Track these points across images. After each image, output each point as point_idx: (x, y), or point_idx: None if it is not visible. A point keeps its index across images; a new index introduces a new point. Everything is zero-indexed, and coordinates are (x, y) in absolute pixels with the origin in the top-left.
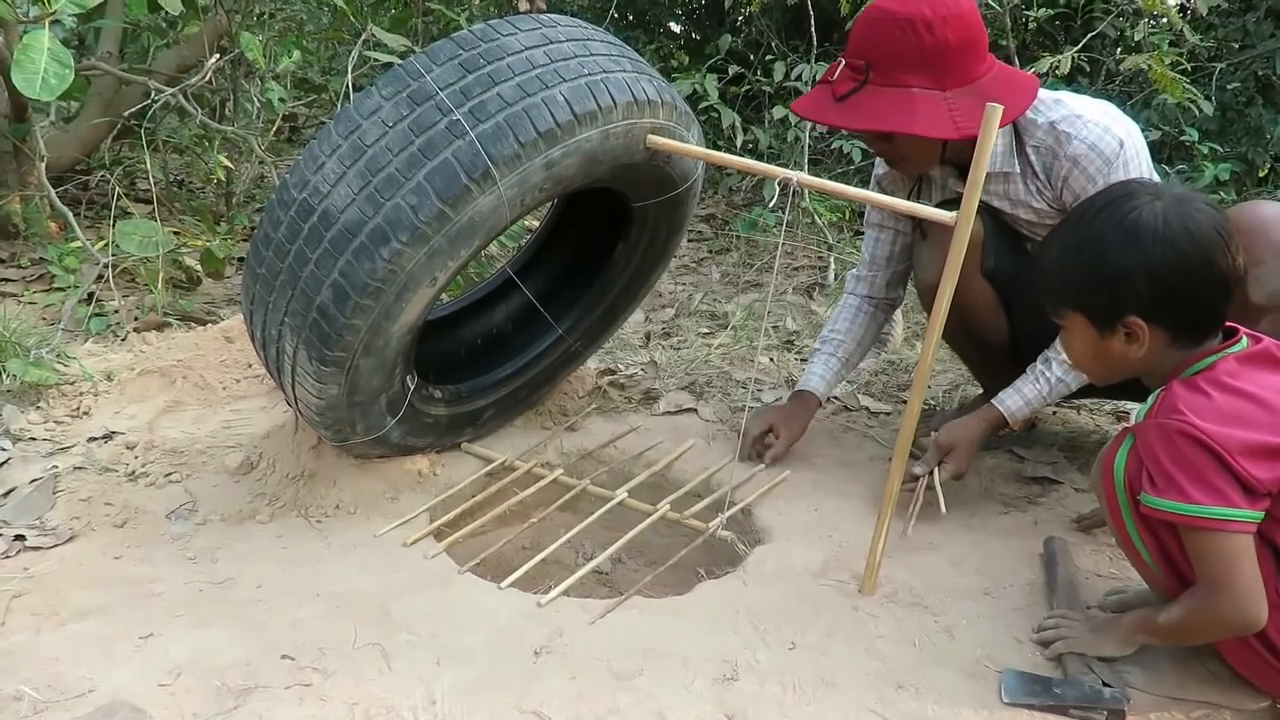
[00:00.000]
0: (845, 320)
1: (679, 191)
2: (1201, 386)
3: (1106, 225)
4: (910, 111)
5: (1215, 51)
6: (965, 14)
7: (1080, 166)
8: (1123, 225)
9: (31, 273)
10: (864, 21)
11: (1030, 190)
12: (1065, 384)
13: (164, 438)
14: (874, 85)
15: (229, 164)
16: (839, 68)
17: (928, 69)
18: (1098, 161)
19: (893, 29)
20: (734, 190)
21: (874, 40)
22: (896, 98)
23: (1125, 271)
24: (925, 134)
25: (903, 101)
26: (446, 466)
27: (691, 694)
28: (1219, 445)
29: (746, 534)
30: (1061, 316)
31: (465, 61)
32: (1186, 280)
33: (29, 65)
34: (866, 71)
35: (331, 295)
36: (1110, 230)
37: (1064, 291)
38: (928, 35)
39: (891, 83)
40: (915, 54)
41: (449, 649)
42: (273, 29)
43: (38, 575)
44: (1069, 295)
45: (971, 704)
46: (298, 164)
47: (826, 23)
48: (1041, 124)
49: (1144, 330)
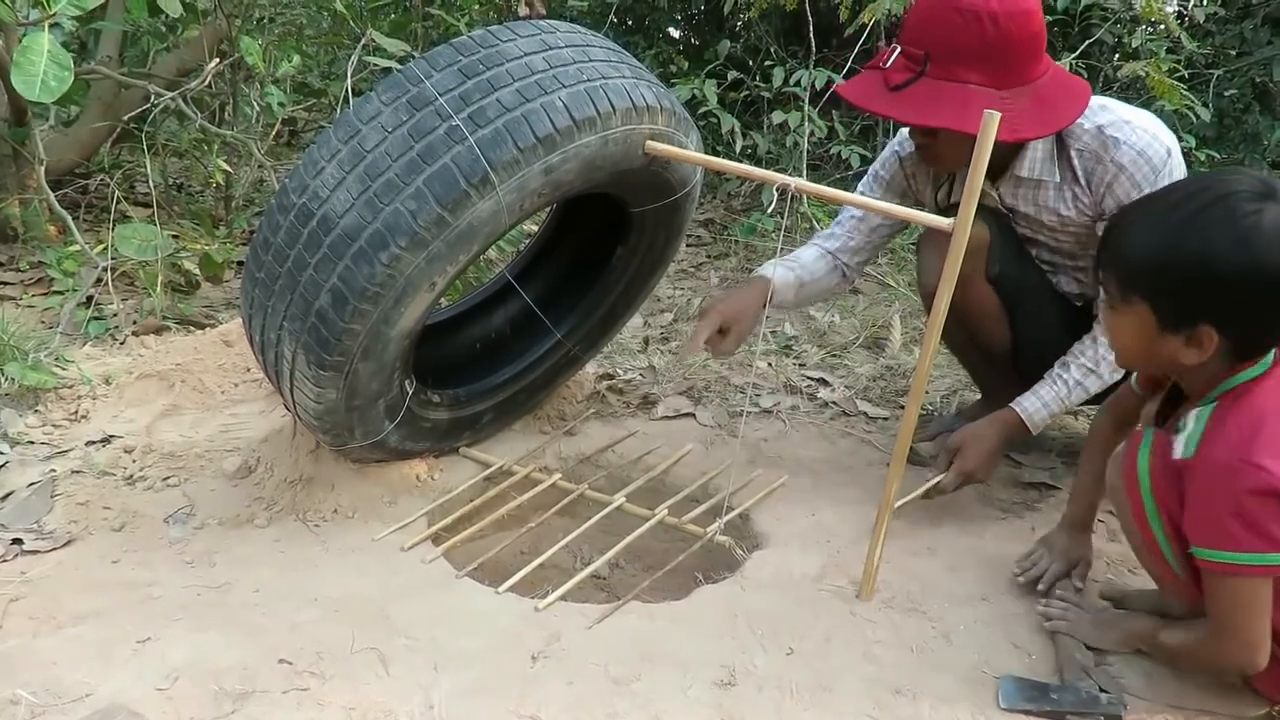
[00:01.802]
0: (809, 255)
1: (678, 197)
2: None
3: (1215, 224)
4: (966, 110)
5: (1212, 58)
6: (1030, 10)
7: (1127, 173)
8: (1235, 229)
9: (30, 276)
10: (925, 7)
11: (1063, 198)
12: (1084, 387)
13: (162, 441)
14: (930, 78)
15: (228, 168)
16: (893, 54)
17: (987, 65)
18: (1145, 169)
19: (955, 18)
20: (733, 195)
21: (935, 29)
22: (953, 93)
23: (1222, 280)
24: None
25: (959, 98)
26: (445, 471)
27: (689, 699)
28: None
29: (744, 539)
30: (1125, 299)
31: (465, 67)
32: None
33: (29, 67)
34: (924, 62)
35: (330, 300)
36: (1219, 231)
37: (1141, 279)
38: (991, 28)
39: (949, 77)
40: (977, 47)
41: (447, 653)
42: (272, 33)
43: (35, 579)
44: (1145, 284)
45: (969, 709)
46: (297, 169)
47: (825, 29)
48: (1088, 128)
49: (1213, 341)
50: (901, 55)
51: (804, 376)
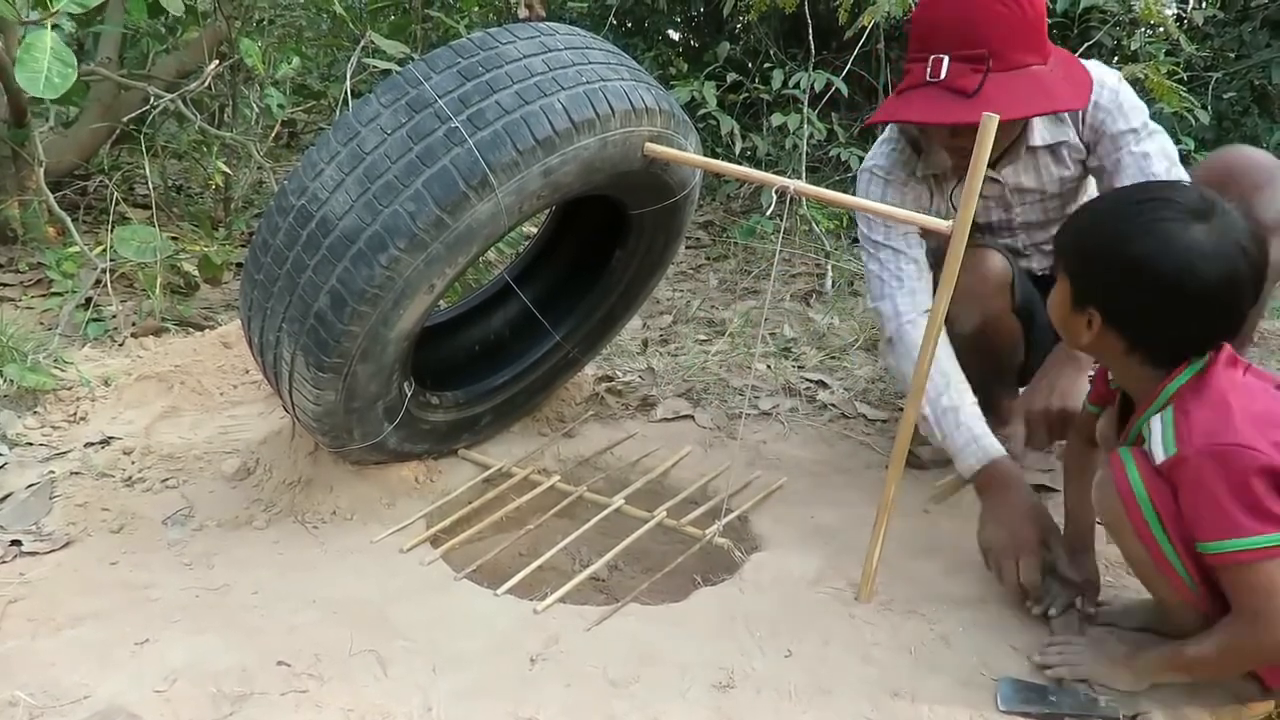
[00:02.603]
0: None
1: (677, 199)
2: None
3: (1138, 220)
4: (1044, 91)
5: (1211, 61)
6: None
7: (1098, 103)
8: (1153, 230)
9: (29, 277)
10: (963, 8)
11: (1062, 158)
12: None
13: (161, 443)
14: (997, 73)
15: (227, 169)
16: (941, 65)
17: (1032, 43)
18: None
19: (999, 9)
20: (732, 197)
21: (987, 26)
22: (1026, 79)
23: (1118, 269)
24: (1067, 108)
25: (1032, 82)
26: (443, 473)
27: (687, 701)
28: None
29: (743, 541)
30: (1058, 272)
31: (464, 69)
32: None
33: (32, 64)
34: (987, 61)
35: (329, 301)
36: (1138, 227)
37: (1066, 253)
38: (1029, 8)
39: (1013, 66)
40: (1023, 30)
41: (445, 655)
42: (272, 35)
43: (34, 580)
44: (1067, 260)
45: (967, 712)
46: (296, 170)
47: (824, 31)
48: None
49: (1096, 324)
50: (957, 62)
51: (803, 379)
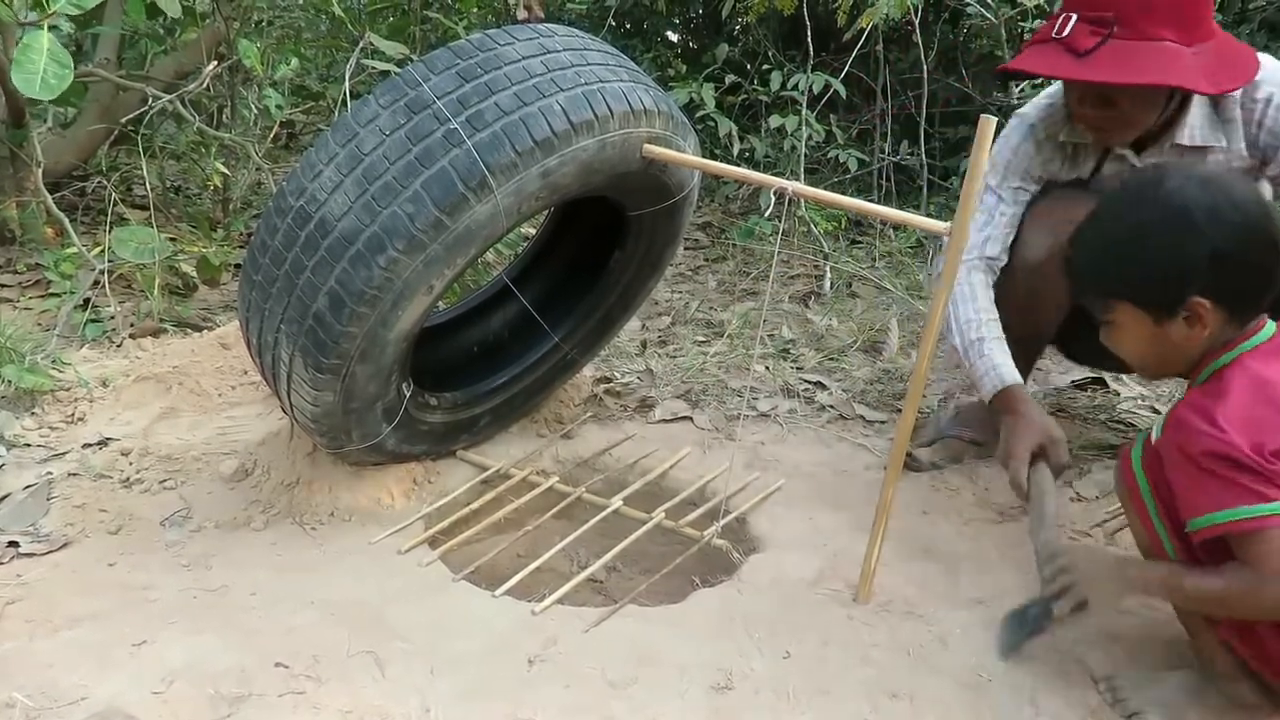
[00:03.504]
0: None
1: (675, 200)
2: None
3: (1150, 211)
4: (1166, 64)
5: None
6: None
7: (1274, 103)
8: (1169, 208)
9: (27, 278)
10: None
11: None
12: None
13: (159, 444)
14: (1119, 39)
15: (226, 170)
16: (1069, 23)
17: (1175, 19)
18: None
19: None
20: (730, 199)
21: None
22: (1149, 50)
23: (1183, 253)
24: (1186, 86)
25: (1157, 54)
26: (442, 474)
27: (686, 703)
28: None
29: (741, 542)
30: (1109, 311)
31: (463, 70)
32: (1245, 250)
33: (29, 65)
34: (1111, 25)
35: (328, 303)
36: (1156, 215)
37: (1110, 284)
38: None
39: (1140, 35)
40: (1168, 3)
41: (443, 657)
42: (271, 36)
43: (31, 582)
44: (1116, 287)
45: (966, 713)
46: (295, 171)
47: (823, 33)
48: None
49: (1208, 310)
50: (1081, 22)
51: (801, 380)
